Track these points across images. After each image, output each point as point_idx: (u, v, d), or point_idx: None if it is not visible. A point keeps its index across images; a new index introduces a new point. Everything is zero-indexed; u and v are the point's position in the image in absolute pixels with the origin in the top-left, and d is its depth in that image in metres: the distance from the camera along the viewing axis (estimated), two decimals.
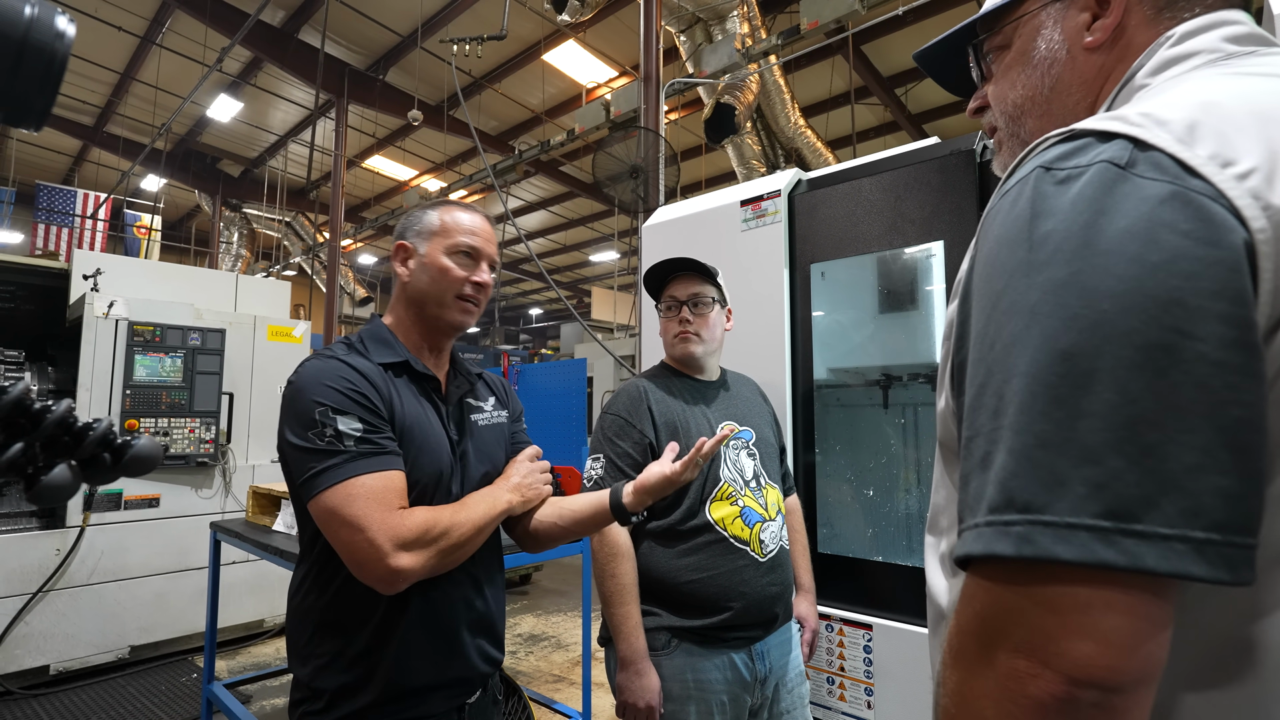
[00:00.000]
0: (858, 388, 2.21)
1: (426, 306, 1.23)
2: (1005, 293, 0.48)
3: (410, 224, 1.27)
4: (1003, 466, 0.45)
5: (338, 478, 1.03)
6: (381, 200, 13.80)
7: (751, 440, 1.67)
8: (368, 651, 1.10)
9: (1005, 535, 0.44)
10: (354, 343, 1.21)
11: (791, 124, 7.23)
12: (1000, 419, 0.46)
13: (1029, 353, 0.45)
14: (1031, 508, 0.43)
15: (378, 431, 1.09)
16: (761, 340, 2.05)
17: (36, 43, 0.49)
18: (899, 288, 2.11)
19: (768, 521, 1.58)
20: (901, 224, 1.83)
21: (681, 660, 1.48)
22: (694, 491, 1.54)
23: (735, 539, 1.53)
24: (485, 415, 1.33)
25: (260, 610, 4.34)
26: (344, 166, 9.76)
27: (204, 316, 4.30)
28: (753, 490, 1.60)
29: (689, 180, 11.39)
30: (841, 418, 2.22)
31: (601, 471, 1.54)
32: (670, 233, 2.37)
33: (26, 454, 0.54)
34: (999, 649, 0.44)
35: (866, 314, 2.16)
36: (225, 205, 12.61)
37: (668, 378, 1.68)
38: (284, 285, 5.19)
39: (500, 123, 10.61)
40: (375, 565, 1.01)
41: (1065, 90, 0.66)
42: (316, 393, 1.07)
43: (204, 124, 10.91)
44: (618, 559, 1.49)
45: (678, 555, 1.52)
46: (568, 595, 5.56)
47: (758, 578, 1.52)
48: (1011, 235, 0.49)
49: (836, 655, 1.80)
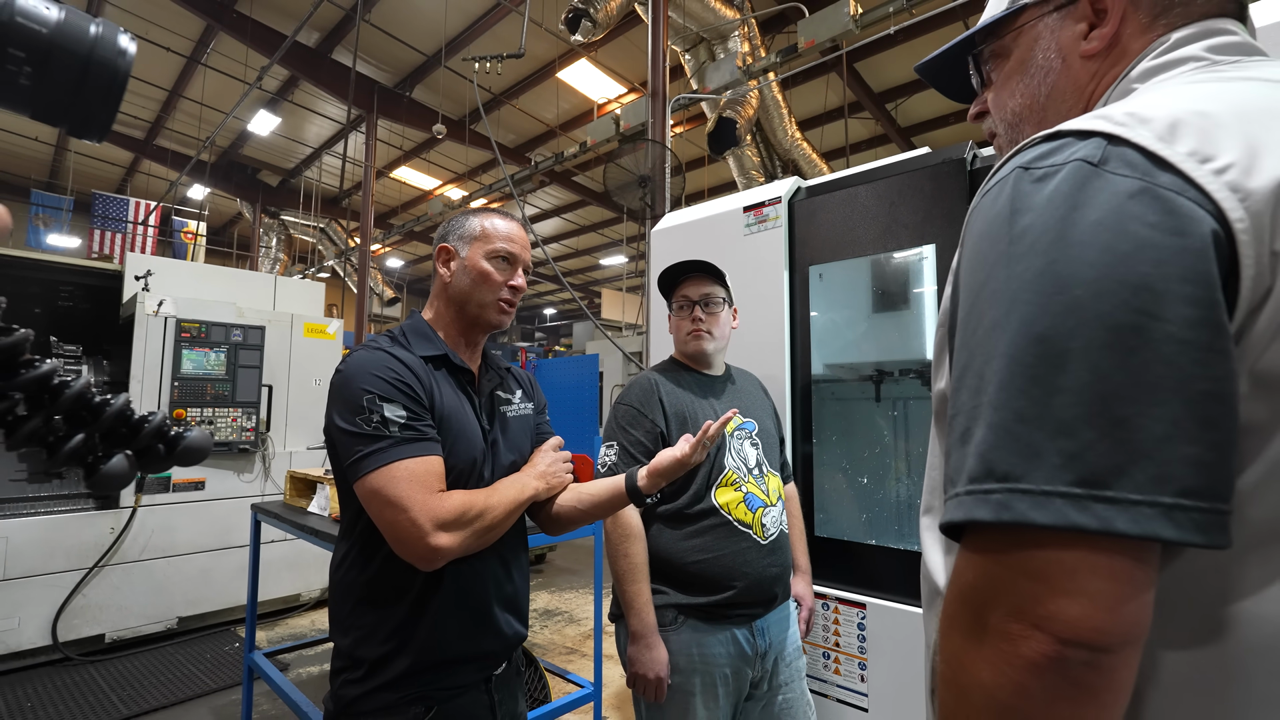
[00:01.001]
0: (852, 382, 2.20)
1: (467, 306, 1.23)
2: (987, 282, 0.49)
3: (453, 228, 1.27)
4: (982, 440, 0.45)
5: (383, 461, 1.03)
6: (408, 208, 13.83)
7: (754, 431, 1.66)
8: (405, 624, 1.10)
9: (985, 502, 0.44)
10: (397, 336, 1.21)
11: (789, 137, 7.19)
12: (980, 397, 0.46)
13: (1008, 336, 0.46)
14: (1010, 477, 0.43)
15: (420, 419, 1.09)
16: (763, 337, 2.03)
17: (101, 59, 0.48)
18: (892, 289, 2.10)
19: (769, 507, 1.57)
20: (895, 229, 1.81)
21: (688, 635, 1.48)
22: (701, 478, 1.54)
23: (739, 522, 1.52)
24: (514, 408, 1.33)
25: (297, 585, 4.37)
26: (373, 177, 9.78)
27: (245, 314, 4.32)
28: (755, 478, 1.59)
29: (693, 189, 11.36)
30: (837, 410, 2.21)
31: (615, 458, 1.54)
32: (677, 237, 2.35)
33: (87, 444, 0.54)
34: (991, 614, 0.44)
35: (861, 313, 2.15)
36: (264, 212, 12.67)
37: (677, 372, 1.68)
38: (318, 286, 5.21)
39: (518, 136, 10.62)
40: (416, 543, 1.01)
41: (1060, 96, 0.65)
42: (364, 381, 1.07)
43: (245, 137, 10.95)
44: (630, 540, 1.49)
45: (685, 537, 1.51)
46: (580, 574, 5.57)
47: (759, 559, 1.51)
48: (993, 230, 0.50)
49: (832, 632, 1.79)
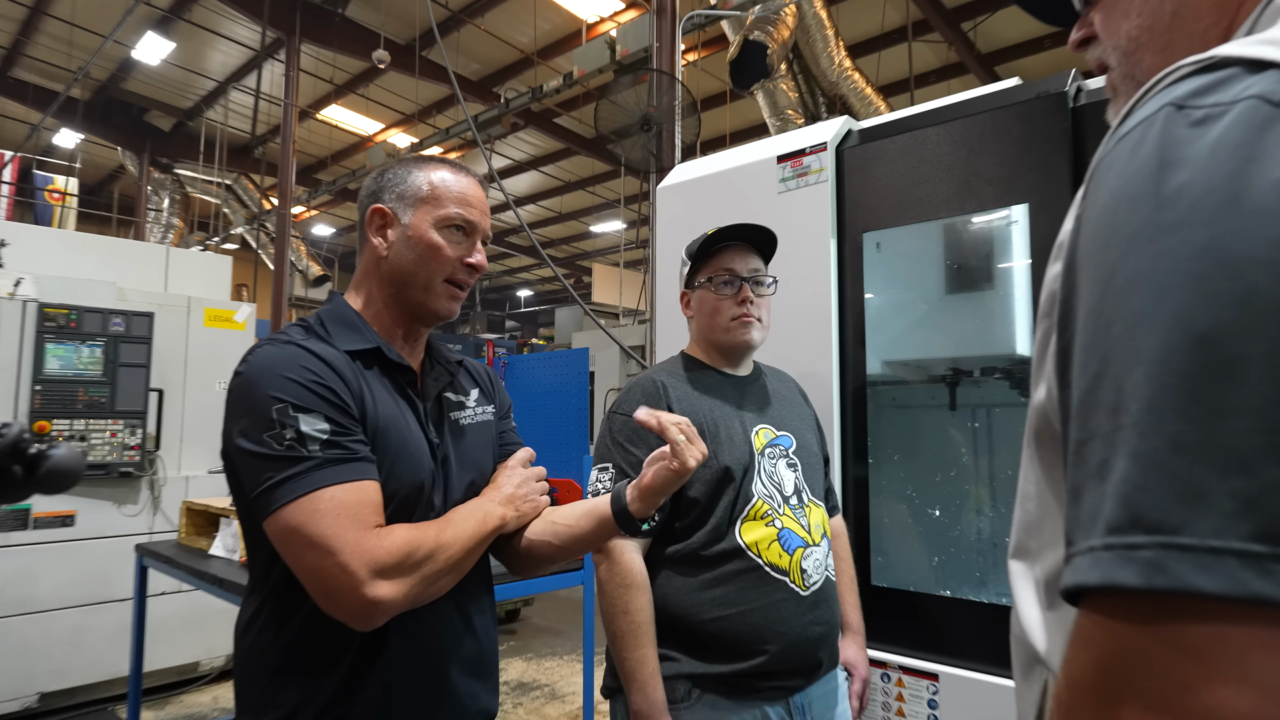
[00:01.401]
0: (919, 385, 2.20)
1: (408, 289, 1.23)
2: (1125, 261, 0.47)
3: (390, 184, 1.26)
4: (1126, 476, 0.44)
5: (301, 490, 1.02)
6: (340, 159, 13.83)
7: (791, 448, 1.66)
8: (337, 700, 1.10)
9: (1130, 561, 0.42)
10: (313, 326, 1.20)
11: (836, 66, 7.18)
12: (1121, 417, 0.45)
13: (1158, 335, 0.44)
14: (1163, 527, 0.42)
15: (348, 433, 1.08)
16: (803, 326, 2.03)
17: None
18: (971, 262, 2.09)
19: (811, 547, 1.57)
20: (975, 184, 1.81)
21: (705, 714, 1.47)
22: (722, 509, 1.53)
23: (771, 567, 1.52)
24: (469, 413, 1.33)
25: (195, 651, 4.37)
26: (296, 118, 9.78)
27: (129, 298, 4.32)
28: (793, 509, 1.59)
29: (711, 134, 11.36)
30: (899, 421, 2.20)
31: (611, 484, 1.54)
32: (690, 196, 2.35)
33: None
34: (1125, 706, 0.42)
35: (931, 295, 2.15)
36: (154, 165, 12.68)
37: (691, 371, 1.68)
38: (224, 260, 5.20)
39: (483, 65, 10.60)
40: (348, 596, 1.01)
41: (1191, 15, 0.64)
42: (273, 386, 1.07)
43: (129, 68, 10.95)
44: (631, 591, 1.48)
45: (701, 586, 1.51)
46: (563, 635, 5.57)
47: (798, 615, 1.51)
48: (1134, 190, 0.48)
49: (894, 711, 1.79)
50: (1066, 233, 0.57)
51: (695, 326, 1.73)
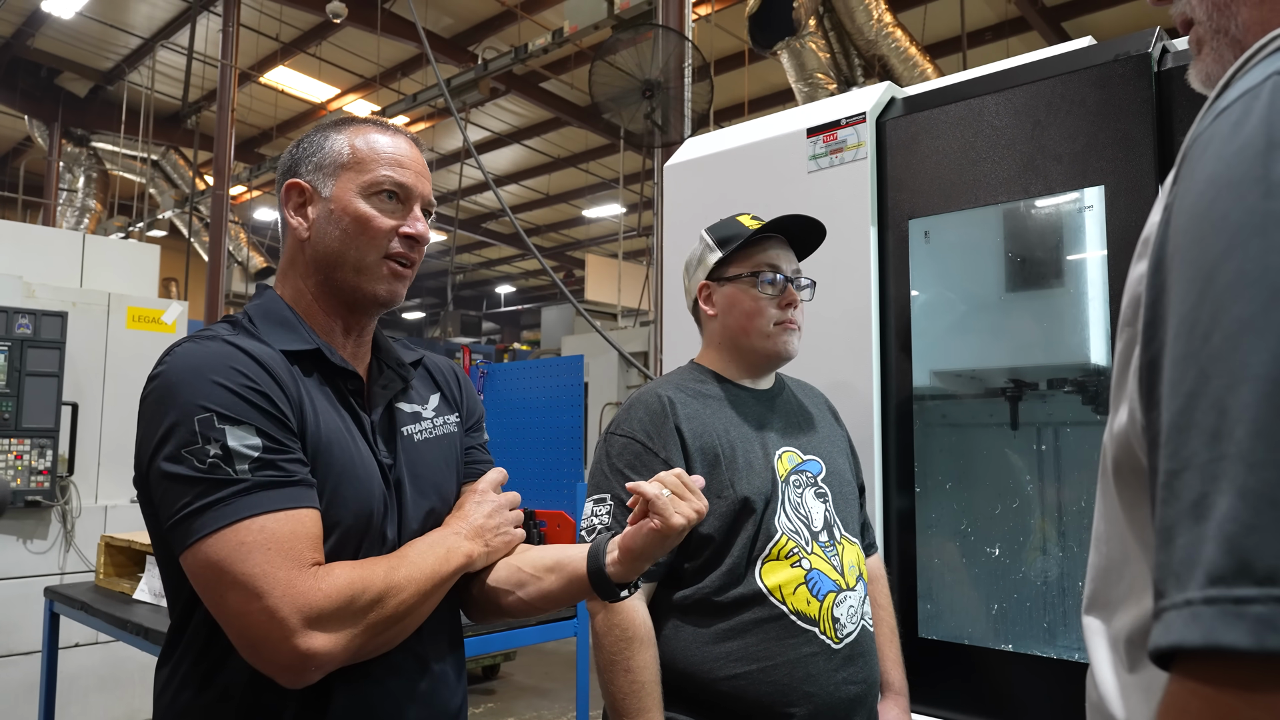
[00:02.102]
0: (975, 400, 2.20)
1: (337, 272, 1.23)
2: (1228, 258, 0.48)
3: (305, 154, 1.25)
4: (1230, 515, 0.44)
5: (225, 519, 1.02)
6: (287, 131, 13.85)
7: (820, 474, 1.67)
8: None
9: (1238, 619, 0.42)
10: (241, 321, 1.20)
11: (874, 21, 7.20)
12: (1224, 444, 0.45)
13: (1269, 347, 0.45)
14: (1277, 578, 0.42)
15: (284, 450, 1.08)
16: (836, 329, 2.04)
17: None
18: (1038, 254, 2.10)
19: (845, 591, 1.57)
20: (1041, 162, 1.81)
21: None
22: (739, 547, 1.54)
23: (798, 615, 1.52)
24: (425, 425, 1.32)
25: (115, 713, 4.36)
26: (235, 82, 9.81)
27: (37, 294, 4.33)
28: (823, 546, 1.59)
29: (726, 101, 11.38)
30: (951, 442, 2.21)
31: (609, 519, 1.54)
32: (704, 174, 2.36)
33: None
34: None
35: (988, 293, 2.15)
36: (67, 137, 12.70)
37: (701, 383, 1.69)
38: (150, 250, 5.22)
39: (457, 20, 10.63)
40: (276, 646, 1.01)
41: None
42: (196, 392, 1.06)
43: (36, 21, 10.99)
44: (633, 645, 1.48)
45: (715, 639, 1.51)
46: (551, 695, 5.56)
47: (830, 671, 1.51)
48: (1237, 174, 0.49)
49: None
50: (1154, 225, 0.57)
51: (719, 328, 1.72)
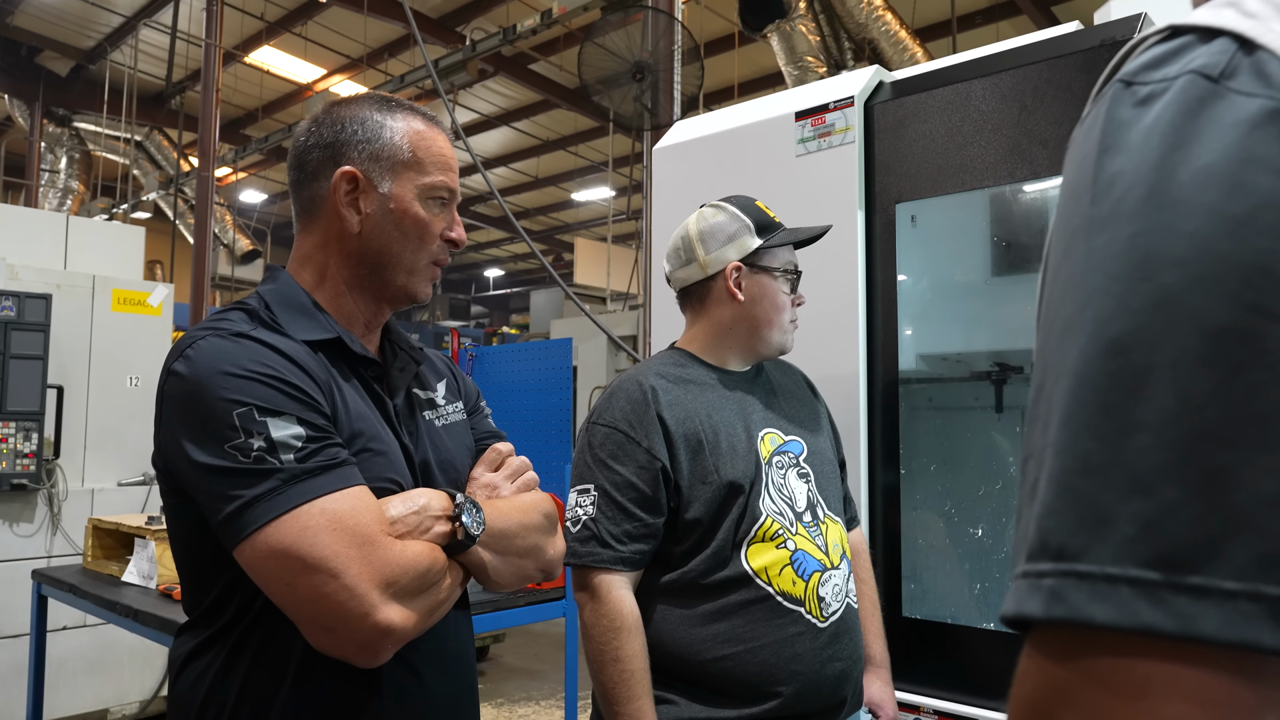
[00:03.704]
0: (959, 382, 2.22)
1: (387, 271, 1.23)
2: (1065, 260, 0.50)
3: (355, 137, 1.22)
4: (1042, 499, 0.47)
5: (283, 506, 1.02)
6: (273, 111, 13.74)
7: (801, 454, 1.68)
8: None
9: (1036, 590, 0.46)
10: (257, 310, 1.18)
11: (865, 5, 7.18)
12: (1048, 433, 0.48)
13: (1079, 343, 0.47)
14: (1065, 554, 0.45)
15: (326, 436, 1.09)
16: (823, 313, 2.04)
17: None
18: (1023, 239, 2.11)
19: (829, 570, 1.59)
20: (1028, 146, 1.82)
21: None
22: (725, 530, 1.55)
23: (784, 596, 1.53)
24: (442, 411, 1.34)
25: (104, 696, 4.37)
26: (220, 62, 9.72)
27: (20, 276, 4.30)
28: (807, 526, 1.61)
29: (716, 84, 11.35)
30: (936, 424, 2.22)
31: (594, 510, 1.54)
32: (692, 158, 2.36)
33: None
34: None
35: (975, 277, 2.17)
36: (48, 117, 12.57)
37: (682, 368, 1.68)
38: (135, 232, 5.19)
39: (445, 0, 10.55)
40: (357, 624, 1.02)
41: None
42: (228, 387, 1.06)
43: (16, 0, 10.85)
44: (622, 635, 1.49)
45: (702, 620, 1.53)
46: (540, 676, 5.59)
47: (816, 650, 1.53)
48: (1079, 180, 0.51)
49: None
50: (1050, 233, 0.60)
51: (738, 313, 1.67)
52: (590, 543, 1.52)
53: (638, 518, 1.52)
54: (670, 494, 1.55)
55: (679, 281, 1.72)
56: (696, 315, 1.72)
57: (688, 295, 1.73)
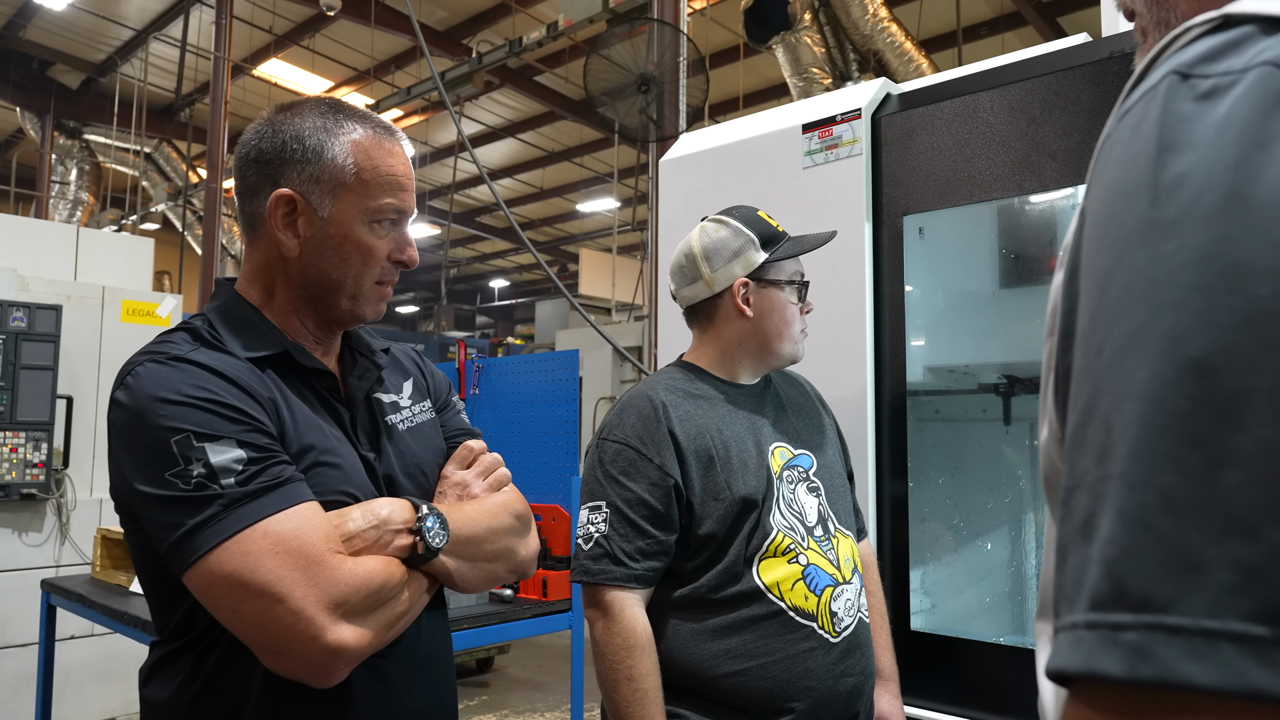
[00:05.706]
0: (968, 394, 2.21)
1: (329, 296, 1.19)
2: (1119, 269, 0.46)
3: (297, 157, 1.15)
4: (1111, 538, 0.42)
5: (225, 532, 1.00)
6: None
7: (811, 469, 1.67)
8: None
9: (1112, 645, 0.41)
10: (200, 330, 1.15)
11: (870, 16, 7.19)
12: (1108, 463, 0.44)
13: (1149, 362, 0.43)
14: (1151, 604, 0.40)
15: (269, 457, 1.06)
16: (830, 325, 2.04)
17: None
18: (1031, 251, 2.11)
19: (841, 585, 1.58)
20: (1036, 158, 1.82)
21: None
22: (737, 545, 1.54)
23: (797, 611, 1.53)
24: (405, 414, 1.31)
25: (111, 705, 4.37)
26: (228, 75, 9.76)
27: (30, 287, 4.31)
28: (819, 541, 1.60)
29: (721, 96, 11.37)
30: (945, 437, 2.21)
31: (606, 527, 1.53)
32: (699, 170, 2.36)
33: None
34: None
35: (983, 289, 2.16)
36: (59, 129, 12.63)
37: (692, 383, 1.67)
38: (144, 244, 5.20)
39: (451, 13, 10.59)
40: (306, 646, 1.00)
41: None
42: (165, 414, 1.04)
43: (28, 13, 10.92)
44: (635, 654, 1.48)
45: (714, 635, 1.52)
46: (545, 689, 5.57)
47: (829, 665, 1.52)
48: (1131, 180, 0.47)
49: None
50: (1071, 236, 0.56)
51: (748, 329, 1.65)
52: (603, 560, 1.51)
53: (650, 535, 1.51)
54: (682, 510, 1.54)
55: (685, 300, 1.70)
56: (705, 331, 1.71)
57: (695, 312, 1.71)
